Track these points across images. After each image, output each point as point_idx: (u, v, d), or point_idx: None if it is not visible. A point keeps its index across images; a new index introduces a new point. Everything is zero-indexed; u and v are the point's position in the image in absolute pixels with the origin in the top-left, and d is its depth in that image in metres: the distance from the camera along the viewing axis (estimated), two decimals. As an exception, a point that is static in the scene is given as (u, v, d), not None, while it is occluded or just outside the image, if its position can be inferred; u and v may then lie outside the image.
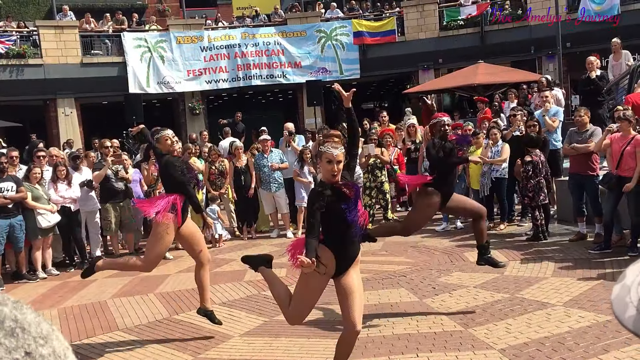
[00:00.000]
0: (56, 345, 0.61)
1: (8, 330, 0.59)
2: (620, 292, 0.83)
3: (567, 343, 4.92)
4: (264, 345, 5.50)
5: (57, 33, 19.19)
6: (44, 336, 0.61)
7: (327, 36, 21.03)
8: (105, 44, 20.39)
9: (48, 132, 19.50)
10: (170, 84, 20.17)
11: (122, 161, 9.91)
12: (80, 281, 8.64)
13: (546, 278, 6.85)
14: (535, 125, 9.32)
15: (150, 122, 18.27)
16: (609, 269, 7.00)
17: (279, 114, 23.78)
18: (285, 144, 11.48)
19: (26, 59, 18.60)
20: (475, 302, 6.21)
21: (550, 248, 8.25)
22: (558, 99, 11.81)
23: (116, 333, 6.21)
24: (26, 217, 8.78)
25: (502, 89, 16.90)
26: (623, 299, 0.81)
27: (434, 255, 8.42)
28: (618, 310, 0.81)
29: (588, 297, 6.03)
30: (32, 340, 0.60)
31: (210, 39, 20.64)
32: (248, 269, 8.47)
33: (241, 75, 20.79)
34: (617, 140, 7.69)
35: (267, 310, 6.52)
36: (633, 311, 0.79)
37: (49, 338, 0.61)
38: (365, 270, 7.84)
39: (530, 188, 8.63)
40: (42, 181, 9.20)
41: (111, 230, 9.66)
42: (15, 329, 0.59)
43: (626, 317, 0.80)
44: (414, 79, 21.37)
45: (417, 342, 5.26)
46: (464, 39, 20.55)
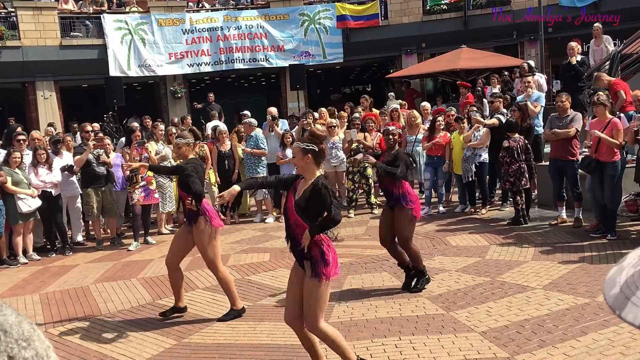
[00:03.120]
0: (38, 346, 0.60)
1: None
2: (614, 272, 0.87)
3: (547, 325, 5.02)
4: (248, 330, 5.53)
5: (35, 14, 18.79)
6: (25, 338, 0.59)
7: (310, 19, 20.89)
8: (85, 25, 20.03)
9: (27, 116, 19.19)
10: (152, 67, 19.92)
11: (104, 145, 9.81)
12: (61, 266, 8.61)
13: (526, 262, 6.95)
14: (515, 111, 9.40)
15: (131, 106, 18.13)
16: (587, 252, 7.12)
17: (262, 98, 23.64)
18: (269, 129, 11.44)
19: (4, 41, 18.22)
20: (457, 286, 6.29)
21: (531, 232, 8.36)
22: (540, 84, 11.90)
23: (99, 318, 6.20)
24: (6, 202, 8.68)
25: (484, 74, 16.97)
26: (614, 279, 0.85)
27: (416, 240, 8.41)
28: (606, 288, 0.85)
29: (567, 281, 6.14)
30: (15, 343, 0.58)
31: (192, 22, 20.38)
32: (232, 254, 8.51)
33: (223, 58, 20.60)
34: (594, 124, 7.81)
35: (250, 295, 6.55)
36: (617, 289, 0.82)
37: (30, 339, 0.60)
38: (349, 255, 7.91)
39: (512, 173, 8.71)
40: (22, 165, 9.09)
41: (93, 215, 9.59)
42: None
43: (610, 294, 0.83)
44: (397, 63, 21.35)
45: (400, 326, 5.32)
46: (447, 24, 20.54)
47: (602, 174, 7.58)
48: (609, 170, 7.55)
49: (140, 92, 23.11)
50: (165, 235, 10.08)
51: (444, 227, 9.09)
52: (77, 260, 8.96)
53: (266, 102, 20.36)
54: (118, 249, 9.49)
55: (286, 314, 4.35)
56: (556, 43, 18.50)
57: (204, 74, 21.35)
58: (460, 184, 10.19)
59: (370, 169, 10.57)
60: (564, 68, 12.11)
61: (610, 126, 7.56)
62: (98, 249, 9.53)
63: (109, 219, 9.98)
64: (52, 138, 10.83)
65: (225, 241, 9.38)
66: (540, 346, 4.63)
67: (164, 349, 5.25)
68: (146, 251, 9.18)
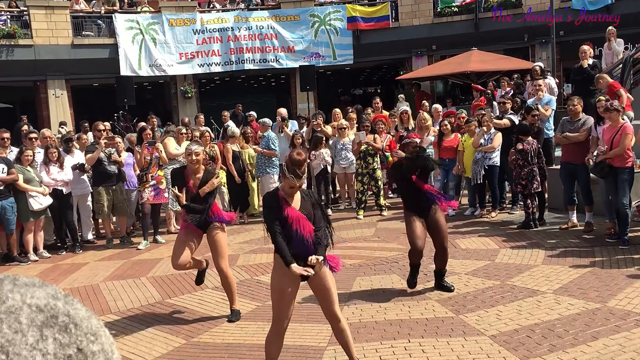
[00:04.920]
0: (105, 342, 0.62)
1: (62, 326, 0.59)
2: None
3: (557, 330, 4.99)
4: (257, 330, 5.53)
5: (47, 13, 18.92)
6: (94, 332, 0.61)
7: (321, 21, 20.90)
8: (97, 25, 20.15)
9: (38, 114, 19.32)
10: (162, 66, 20.00)
11: (115, 144, 9.85)
12: (72, 264, 8.66)
13: (537, 266, 6.92)
14: (535, 116, 9.36)
15: (141, 105, 18.19)
16: (598, 257, 7.07)
17: (272, 98, 23.67)
18: (279, 130, 11.46)
19: (16, 40, 18.34)
20: (467, 289, 6.27)
21: (541, 236, 8.32)
22: (551, 87, 11.85)
23: (108, 316, 6.22)
24: (18, 199, 8.75)
25: (494, 77, 16.91)
26: None
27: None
28: None
29: (578, 285, 6.10)
30: (84, 336, 0.60)
31: (203, 22, 20.45)
32: (241, 254, 8.52)
33: (234, 59, 20.65)
34: (607, 130, 7.76)
35: (260, 295, 6.55)
36: None
37: (98, 334, 0.62)
38: (358, 257, 7.90)
39: (524, 176, 8.67)
40: (33, 163, 9.15)
41: (103, 214, 9.63)
42: (69, 324, 0.60)
43: None
44: (407, 65, 21.32)
45: (409, 328, 5.31)
46: (458, 26, 20.49)
47: (616, 179, 7.53)
48: (623, 175, 7.49)
49: (150, 92, 23.21)
50: (175, 234, 10.08)
51: (453, 230, 9.05)
52: (87, 258, 9.01)
53: (276, 103, 20.39)
54: (128, 247, 9.52)
55: (285, 326, 4.37)
56: (567, 46, 18.43)
57: (215, 74, 21.41)
58: (470, 187, 10.16)
59: (379, 170, 10.57)
60: (575, 71, 12.04)
61: (622, 130, 7.51)
62: (108, 247, 9.58)
63: (119, 218, 10.03)
64: (64, 136, 10.89)
65: (234, 241, 9.40)
66: (550, 351, 4.61)
67: (173, 348, 5.26)
68: (155, 250, 9.21)
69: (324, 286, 4.28)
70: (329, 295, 4.28)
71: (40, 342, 0.57)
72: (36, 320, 0.58)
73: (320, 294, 4.34)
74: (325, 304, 4.33)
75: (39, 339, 0.57)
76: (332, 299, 4.28)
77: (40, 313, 0.59)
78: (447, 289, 6.24)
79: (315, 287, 4.34)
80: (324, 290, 4.29)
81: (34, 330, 0.58)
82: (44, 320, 0.59)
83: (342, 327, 4.31)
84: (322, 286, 4.28)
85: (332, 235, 4.44)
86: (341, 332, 4.33)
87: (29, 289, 0.61)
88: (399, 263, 7.42)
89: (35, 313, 0.59)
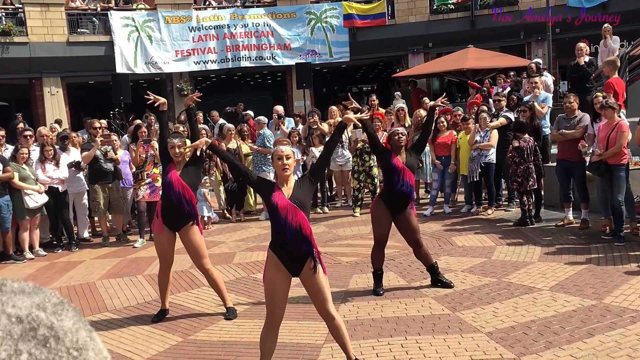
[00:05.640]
0: (91, 357, 0.57)
1: (40, 339, 0.55)
2: None
3: (553, 327, 5.00)
4: (254, 327, 5.52)
5: (42, 10, 18.85)
6: (78, 347, 0.56)
7: (317, 18, 20.87)
8: (92, 22, 20.09)
9: (33, 112, 19.25)
10: (158, 64, 19.96)
11: (111, 142, 9.82)
12: (67, 262, 8.64)
13: (533, 263, 6.93)
14: (525, 111, 9.36)
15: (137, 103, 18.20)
16: (594, 254, 7.09)
17: (268, 96, 23.65)
18: (275, 127, 11.44)
19: (11, 37, 18.28)
20: (463, 286, 6.28)
21: (537, 233, 8.33)
22: (547, 84, 11.86)
23: (105, 314, 6.21)
24: (13, 197, 8.72)
25: (491, 74, 16.93)
26: None
27: (422, 240, 8.45)
28: None
29: (574, 282, 6.11)
30: (65, 351, 0.55)
31: (199, 19, 20.41)
32: (237, 252, 8.51)
33: (230, 56, 20.62)
34: (602, 128, 7.77)
35: (256, 293, 6.55)
36: None
37: (83, 349, 0.57)
38: (354, 254, 7.90)
39: (520, 173, 8.68)
40: (29, 161, 9.12)
41: (100, 212, 9.61)
42: (49, 338, 0.55)
43: None
44: (403, 62, 21.32)
45: (406, 325, 5.32)
46: (454, 23, 20.50)
47: (612, 177, 7.55)
48: (619, 173, 7.50)
49: (146, 89, 23.10)
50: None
51: (450, 227, 9.07)
52: (83, 256, 8.99)
53: (272, 101, 20.36)
54: (124, 245, 9.51)
55: (279, 320, 4.36)
56: (563, 43, 18.45)
57: (211, 71, 21.37)
58: (466, 184, 10.17)
59: (375, 168, 10.57)
60: (571, 69, 12.05)
61: (617, 128, 7.52)
62: (104, 245, 9.56)
63: (115, 216, 10.01)
64: (59, 134, 10.85)
65: (230, 239, 9.40)
66: (546, 347, 4.62)
67: (170, 346, 5.26)
68: (151, 248, 9.15)
69: (318, 288, 4.28)
70: (322, 295, 4.29)
71: (13, 357, 0.52)
72: (13, 332, 0.54)
73: (314, 295, 4.34)
74: (318, 304, 4.33)
75: (12, 353, 0.53)
76: (324, 297, 4.28)
77: (19, 324, 0.55)
78: (446, 285, 6.25)
79: (309, 289, 4.35)
80: (317, 292, 4.29)
81: (9, 343, 0.53)
82: (21, 333, 0.54)
83: (337, 325, 4.31)
84: (316, 288, 4.28)
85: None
86: (337, 330, 4.33)
87: (13, 297, 0.57)
88: (395, 260, 7.42)
89: (14, 324, 0.54)
